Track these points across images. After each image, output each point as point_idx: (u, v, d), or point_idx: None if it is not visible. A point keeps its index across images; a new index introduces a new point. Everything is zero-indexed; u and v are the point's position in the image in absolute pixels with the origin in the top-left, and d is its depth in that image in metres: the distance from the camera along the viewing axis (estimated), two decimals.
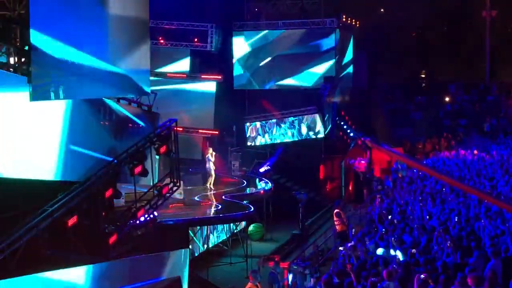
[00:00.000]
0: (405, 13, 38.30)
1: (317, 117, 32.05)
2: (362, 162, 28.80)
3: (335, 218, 19.46)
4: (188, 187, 24.36)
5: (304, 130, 32.53)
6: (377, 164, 30.09)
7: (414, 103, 38.85)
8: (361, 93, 37.11)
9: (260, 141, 33.06)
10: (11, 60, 14.80)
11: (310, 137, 32.48)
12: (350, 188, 30.10)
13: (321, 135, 32.10)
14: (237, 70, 35.09)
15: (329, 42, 33.93)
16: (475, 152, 27.51)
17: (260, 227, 24.95)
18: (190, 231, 20.15)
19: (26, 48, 14.43)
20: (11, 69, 14.58)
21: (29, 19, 13.89)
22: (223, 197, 23.18)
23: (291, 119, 32.74)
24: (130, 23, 16.61)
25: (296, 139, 32.73)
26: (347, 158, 30.59)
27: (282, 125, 32.94)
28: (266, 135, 33.00)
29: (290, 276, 15.12)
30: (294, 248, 22.83)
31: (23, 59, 14.56)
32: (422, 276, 10.07)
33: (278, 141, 32.83)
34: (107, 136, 18.49)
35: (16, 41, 15.03)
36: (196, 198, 23.40)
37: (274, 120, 32.94)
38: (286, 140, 32.86)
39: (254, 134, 32.98)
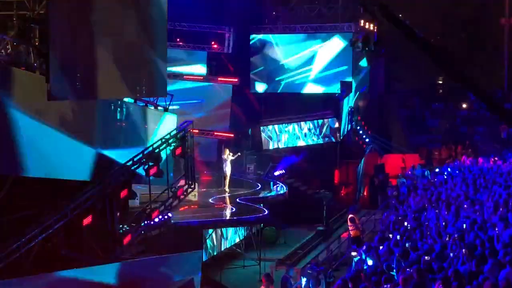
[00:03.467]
0: (424, 19, 38.03)
1: (333, 122, 32.00)
2: None
3: (349, 223, 19.37)
4: (203, 189, 24.40)
5: (319, 134, 32.48)
6: (392, 170, 29.91)
7: (431, 110, 38.57)
8: (378, 98, 36.91)
9: (275, 145, 33.07)
10: (30, 60, 14.90)
11: (326, 142, 32.42)
12: (365, 193, 29.91)
13: (336, 140, 32.00)
14: (254, 74, 35.05)
15: (345, 46, 33.82)
16: (492, 159, 27.25)
17: (274, 231, 24.90)
18: (203, 233, 20.18)
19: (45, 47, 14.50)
20: (30, 69, 14.68)
21: (48, 19, 13.97)
22: (238, 199, 23.18)
23: (307, 123, 32.70)
24: (148, 24, 16.65)
25: (312, 143, 32.71)
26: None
27: (298, 129, 32.91)
28: (282, 139, 33.00)
29: (304, 281, 15.03)
30: (307, 252, 22.76)
31: (41, 59, 14.65)
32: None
33: (294, 145, 32.83)
34: (123, 137, 18.56)
35: (35, 40, 15.12)
36: (210, 200, 23.45)
37: (289, 124, 32.93)
38: (302, 144, 32.85)
39: (269, 137, 33.01)
